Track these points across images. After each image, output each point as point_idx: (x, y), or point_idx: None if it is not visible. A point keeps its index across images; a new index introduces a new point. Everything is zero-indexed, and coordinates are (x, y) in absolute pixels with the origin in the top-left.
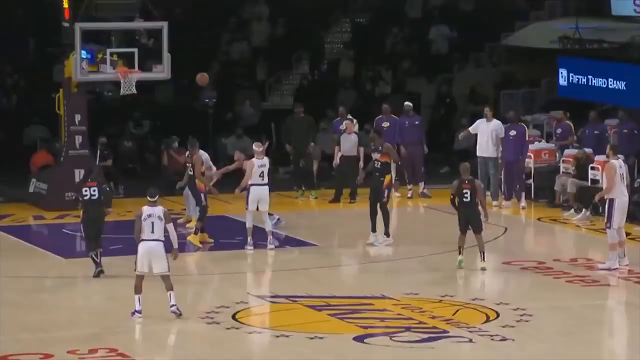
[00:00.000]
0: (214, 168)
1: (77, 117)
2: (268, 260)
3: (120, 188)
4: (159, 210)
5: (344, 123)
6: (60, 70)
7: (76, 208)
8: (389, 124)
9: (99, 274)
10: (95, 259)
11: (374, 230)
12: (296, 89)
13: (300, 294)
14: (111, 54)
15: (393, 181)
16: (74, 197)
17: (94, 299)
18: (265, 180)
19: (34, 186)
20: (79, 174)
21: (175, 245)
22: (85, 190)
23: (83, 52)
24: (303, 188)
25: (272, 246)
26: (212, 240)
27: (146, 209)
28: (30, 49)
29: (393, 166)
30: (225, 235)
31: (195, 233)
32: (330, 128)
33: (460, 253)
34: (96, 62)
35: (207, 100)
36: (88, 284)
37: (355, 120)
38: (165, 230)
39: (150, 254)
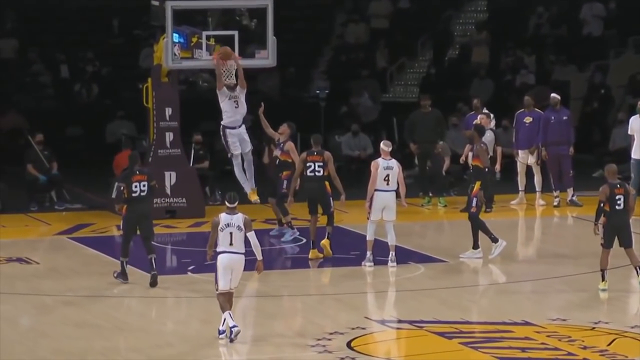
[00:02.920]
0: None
1: (168, 111)
2: (389, 279)
3: (216, 193)
4: (238, 218)
5: (478, 118)
6: (149, 56)
7: (116, 206)
8: (531, 119)
9: (119, 280)
10: (125, 267)
11: (475, 246)
12: (422, 79)
13: (427, 318)
14: (207, 38)
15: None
16: (122, 188)
17: (186, 322)
18: (392, 185)
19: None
20: (169, 177)
21: (259, 257)
22: (135, 186)
23: (175, 35)
24: (430, 194)
25: (394, 263)
26: (322, 255)
27: (224, 217)
28: (114, 32)
29: (537, 169)
30: (339, 249)
31: (328, 238)
32: (462, 124)
33: (603, 279)
34: (190, 46)
35: (318, 91)
36: (179, 304)
37: (492, 115)
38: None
39: (232, 267)
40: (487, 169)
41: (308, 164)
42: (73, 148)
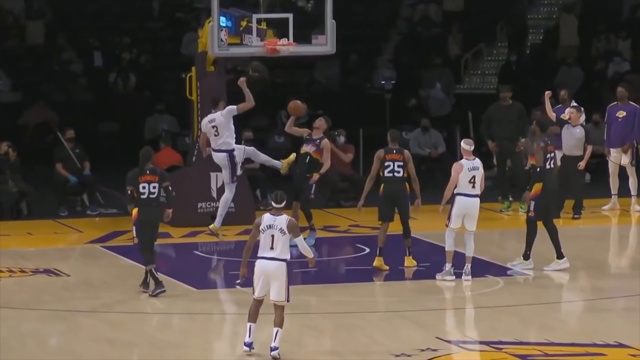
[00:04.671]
0: None
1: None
2: (464, 294)
3: (268, 197)
4: (281, 220)
5: (566, 112)
6: (193, 42)
7: (128, 207)
8: (625, 113)
9: (159, 293)
10: (155, 273)
11: (559, 256)
12: (501, 67)
13: (507, 339)
14: (258, 21)
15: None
16: (129, 192)
17: (232, 340)
18: (477, 189)
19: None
20: (215, 179)
21: (310, 255)
22: (144, 187)
23: (222, 18)
24: (510, 198)
25: (469, 276)
26: (387, 268)
27: (267, 218)
28: (153, 15)
29: (631, 170)
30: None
31: (409, 254)
32: (547, 118)
33: None
34: (239, 31)
35: (383, 82)
36: (224, 321)
37: (582, 109)
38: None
39: (267, 275)
40: (539, 169)
41: (386, 164)
42: (108, 145)
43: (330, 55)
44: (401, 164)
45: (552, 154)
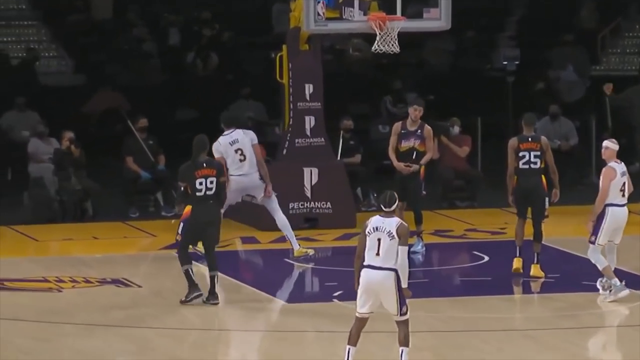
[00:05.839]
0: None
1: (308, 89)
2: (600, 310)
3: (371, 196)
4: (391, 223)
5: None
6: (283, 16)
7: (177, 207)
8: None
9: (193, 298)
10: (192, 275)
11: None
12: None
13: None
14: None
15: None
16: (182, 188)
17: None
18: (626, 197)
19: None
20: (309, 175)
21: (404, 283)
22: (200, 183)
23: None
24: None
25: (608, 290)
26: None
27: (374, 220)
28: None
29: None
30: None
31: (537, 262)
32: None
33: None
34: (338, 4)
35: (505, 62)
36: (321, 340)
37: None
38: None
39: (373, 289)
40: None
41: (521, 154)
42: (185, 136)
43: (444, 32)
44: (538, 153)
45: None
